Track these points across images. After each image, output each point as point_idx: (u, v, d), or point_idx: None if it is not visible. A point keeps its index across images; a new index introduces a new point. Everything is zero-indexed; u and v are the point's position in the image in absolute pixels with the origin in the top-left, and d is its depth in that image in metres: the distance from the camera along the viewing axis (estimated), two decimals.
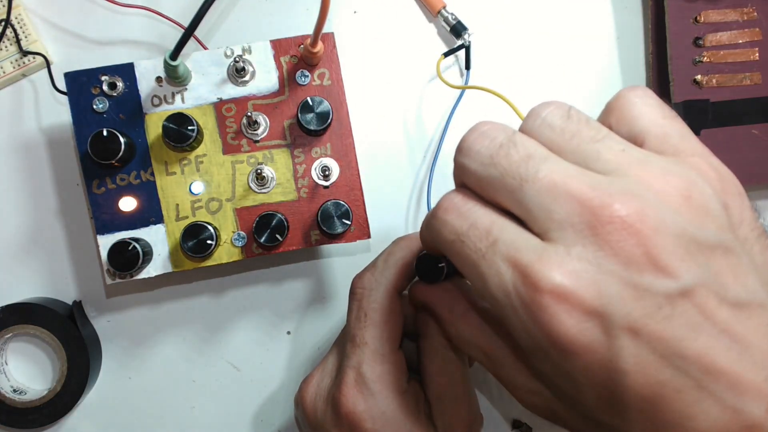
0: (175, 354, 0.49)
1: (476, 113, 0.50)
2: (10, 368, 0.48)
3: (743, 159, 0.49)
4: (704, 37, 0.49)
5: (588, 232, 0.25)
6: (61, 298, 0.48)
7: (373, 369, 0.38)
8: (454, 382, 0.40)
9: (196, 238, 0.40)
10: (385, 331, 0.39)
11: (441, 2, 0.49)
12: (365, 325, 0.39)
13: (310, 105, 0.41)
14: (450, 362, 0.40)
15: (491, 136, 0.29)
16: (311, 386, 0.42)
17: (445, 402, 0.39)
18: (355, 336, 0.39)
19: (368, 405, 0.38)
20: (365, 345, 0.39)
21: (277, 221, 0.41)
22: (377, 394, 0.38)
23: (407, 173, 0.50)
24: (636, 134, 0.29)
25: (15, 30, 0.47)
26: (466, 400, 0.40)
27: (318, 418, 0.40)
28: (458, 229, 0.29)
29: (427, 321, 0.40)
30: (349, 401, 0.38)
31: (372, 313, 0.39)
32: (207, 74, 0.42)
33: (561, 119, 0.29)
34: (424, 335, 0.40)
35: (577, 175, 0.26)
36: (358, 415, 0.38)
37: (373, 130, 0.50)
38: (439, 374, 0.39)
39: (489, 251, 0.27)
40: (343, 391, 0.38)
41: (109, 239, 0.41)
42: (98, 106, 0.41)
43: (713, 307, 0.24)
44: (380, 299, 0.39)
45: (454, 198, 0.30)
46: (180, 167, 0.42)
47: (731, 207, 0.27)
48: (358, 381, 0.39)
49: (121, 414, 0.49)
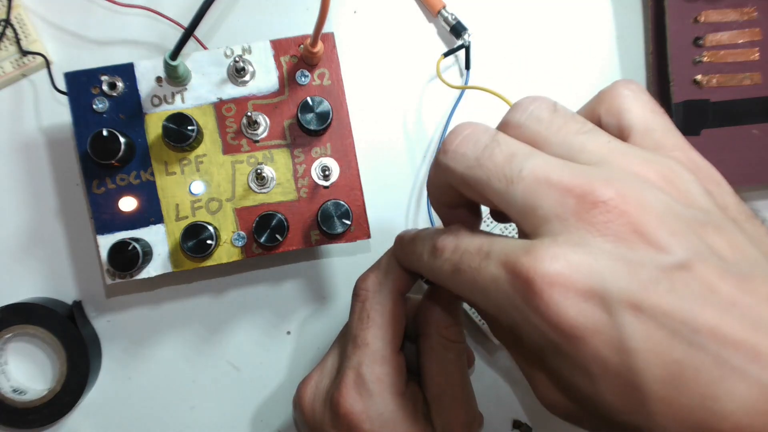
0: (175, 354, 0.49)
1: (476, 113, 0.50)
2: (10, 368, 0.48)
3: (743, 159, 0.49)
4: (704, 37, 0.49)
5: (573, 219, 0.25)
6: (61, 298, 0.48)
7: (372, 370, 0.38)
8: (453, 383, 0.40)
9: (196, 238, 0.40)
10: (388, 333, 0.39)
11: (441, 2, 0.49)
12: (367, 327, 0.39)
13: (310, 105, 0.41)
14: (449, 363, 0.40)
15: (474, 139, 0.29)
16: (309, 387, 0.42)
17: (443, 403, 0.39)
18: (356, 337, 0.39)
19: (367, 406, 0.38)
20: (366, 346, 0.39)
21: (277, 221, 0.41)
22: (376, 396, 0.38)
23: (407, 173, 0.50)
24: (623, 127, 0.30)
25: (15, 30, 0.47)
26: (464, 401, 0.40)
27: (316, 420, 0.40)
28: (454, 263, 0.30)
29: (427, 321, 0.40)
30: (348, 402, 0.38)
31: (375, 315, 0.39)
32: (207, 74, 0.42)
33: (548, 112, 0.30)
34: (424, 335, 0.40)
35: (559, 166, 0.26)
36: (357, 416, 0.38)
37: (373, 130, 0.50)
38: (438, 375, 0.40)
39: (482, 264, 0.28)
40: (342, 391, 0.38)
41: (109, 239, 0.41)
42: (98, 106, 0.41)
43: (715, 279, 0.23)
44: (384, 301, 0.39)
45: (445, 240, 0.31)
46: (180, 167, 0.42)
47: (713, 193, 0.28)
48: (358, 382, 0.39)
49: (121, 414, 0.49)
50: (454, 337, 0.40)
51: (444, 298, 0.40)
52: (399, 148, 0.50)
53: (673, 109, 0.49)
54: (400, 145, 0.50)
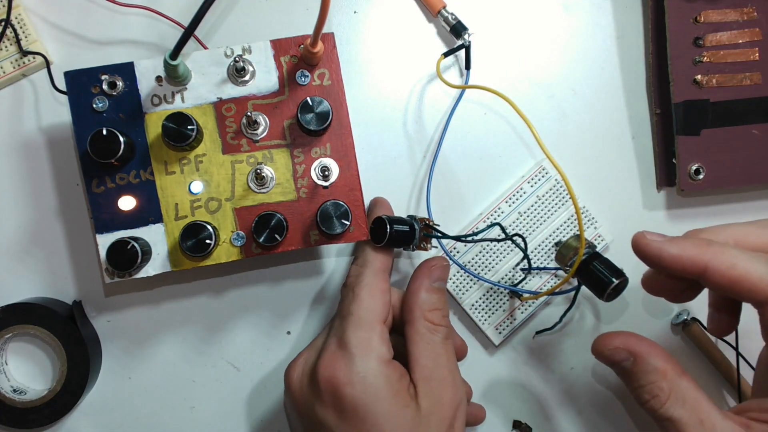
0: (175, 354, 0.49)
1: (476, 113, 0.50)
2: (10, 368, 0.48)
3: (743, 159, 0.49)
4: (704, 37, 0.49)
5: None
6: (61, 297, 0.48)
7: (355, 334, 0.40)
8: (440, 365, 0.41)
9: (195, 238, 0.40)
10: (371, 304, 0.41)
11: (441, 2, 0.49)
12: (352, 300, 0.41)
13: (310, 105, 0.41)
14: (435, 345, 0.41)
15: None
16: (298, 365, 0.42)
17: (431, 383, 0.40)
18: (342, 311, 0.42)
19: (348, 369, 0.38)
20: (351, 315, 0.41)
21: (276, 221, 0.41)
22: (357, 357, 0.39)
23: (407, 173, 0.50)
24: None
25: (15, 30, 0.47)
26: (451, 382, 0.41)
27: (305, 397, 0.41)
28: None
29: (411, 307, 0.42)
30: (329, 367, 0.39)
31: (359, 290, 0.41)
32: (207, 74, 0.42)
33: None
34: (409, 321, 0.42)
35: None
36: (338, 380, 0.38)
37: (373, 130, 0.50)
38: (424, 357, 0.41)
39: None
40: (324, 358, 0.40)
41: (108, 238, 0.41)
42: (98, 105, 0.41)
43: None
44: (367, 279, 0.42)
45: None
46: (179, 167, 0.42)
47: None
48: (341, 346, 0.40)
49: (121, 414, 0.49)
50: (438, 321, 0.42)
51: (427, 284, 0.43)
52: (399, 148, 0.50)
53: (673, 109, 0.49)
54: (400, 145, 0.50)
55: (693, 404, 0.34)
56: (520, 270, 0.49)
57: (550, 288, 0.47)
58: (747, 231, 0.37)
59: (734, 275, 0.34)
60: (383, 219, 0.42)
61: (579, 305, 0.51)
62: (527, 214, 0.49)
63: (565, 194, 0.50)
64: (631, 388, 0.36)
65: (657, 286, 0.40)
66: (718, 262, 0.34)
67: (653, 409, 0.35)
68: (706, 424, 0.33)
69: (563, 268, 0.43)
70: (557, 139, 0.51)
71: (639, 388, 0.36)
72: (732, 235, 0.37)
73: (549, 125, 0.51)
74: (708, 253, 0.35)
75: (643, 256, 0.37)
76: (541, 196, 0.49)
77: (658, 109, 0.51)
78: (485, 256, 0.49)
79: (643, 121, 0.52)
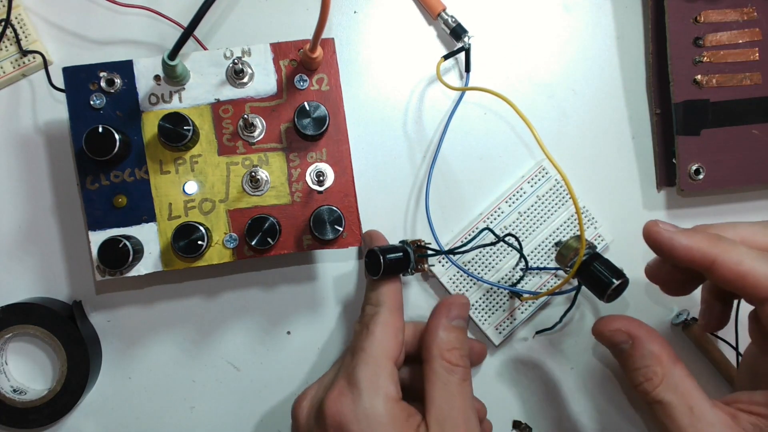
0: (175, 354, 0.49)
1: (476, 114, 0.50)
2: (10, 368, 0.48)
3: (743, 159, 0.49)
4: (704, 37, 0.48)
5: None
6: (59, 296, 0.48)
7: (365, 371, 0.39)
8: (454, 407, 0.40)
9: (188, 239, 0.40)
10: (384, 341, 0.40)
11: (441, 5, 0.49)
12: (365, 337, 0.41)
13: (307, 110, 0.41)
14: (451, 385, 0.40)
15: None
16: (306, 400, 0.42)
17: (444, 426, 0.39)
18: (354, 346, 0.41)
19: (355, 405, 0.38)
20: (362, 351, 0.40)
21: (269, 224, 0.41)
22: (364, 393, 0.38)
23: (407, 175, 0.50)
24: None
25: (15, 30, 0.47)
26: (464, 427, 0.39)
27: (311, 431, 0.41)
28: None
29: (429, 344, 0.41)
30: (336, 403, 0.39)
31: (373, 327, 0.41)
32: (205, 75, 0.42)
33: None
34: (426, 359, 0.41)
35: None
36: (344, 416, 0.38)
37: (372, 130, 0.50)
38: (439, 398, 0.40)
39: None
40: (332, 393, 0.39)
41: (101, 236, 0.41)
42: (95, 102, 0.41)
43: None
44: (383, 316, 0.41)
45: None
46: (175, 166, 0.42)
47: None
48: (349, 382, 0.39)
49: (121, 414, 0.49)
50: (456, 361, 0.41)
51: (445, 322, 0.42)
52: (399, 150, 0.50)
53: (673, 109, 0.48)
54: (400, 147, 0.50)
55: (684, 391, 0.36)
56: (519, 270, 0.49)
57: (550, 288, 0.47)
58: (754, 230, 0.38)
59: (740, 271, 0.35)
60: (375, 251, 0.42)
61: (579, 305, 0.51)
62: (527, 214, 0.49)
63: (565, 194, 0.49)
64: (627, 369, 0.38)
65: (660, 275, 0.41)
66: (727, 257, 0.35)
67: (646, 392, 0.36)
68: (695, 410, 0.35)
69: (563, 269, 0.43)
70: (557, 139, 0.51)
71: (634, 371, 0.37)
72: (740, 233, 0.38)
73: (549, 125, 0.51)
74: (718, 247, 0.36)
75: (654, 244, 0.38)
76: (541, 196, 0.49)
77: (658, 109, 0.50)
78: (485, 256, 0.49)
79: (643, 121, 0.51)
